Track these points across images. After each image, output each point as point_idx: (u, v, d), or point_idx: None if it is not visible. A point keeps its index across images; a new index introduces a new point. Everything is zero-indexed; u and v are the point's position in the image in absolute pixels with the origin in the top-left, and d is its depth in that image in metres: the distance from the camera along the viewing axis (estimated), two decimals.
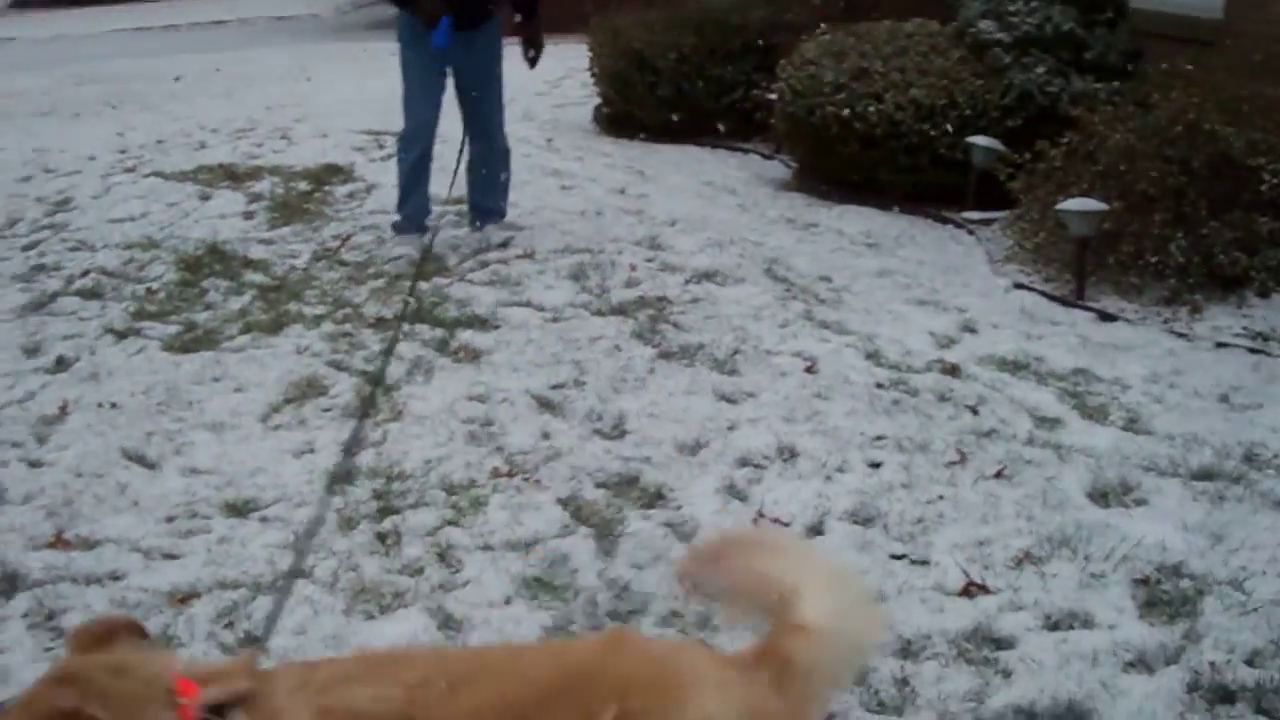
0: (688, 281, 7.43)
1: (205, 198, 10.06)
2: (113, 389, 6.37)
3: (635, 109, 12.59)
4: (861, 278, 7.70)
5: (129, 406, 6.15)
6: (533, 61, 8.33)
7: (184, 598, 4.52)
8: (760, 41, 12.34)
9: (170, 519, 5.10)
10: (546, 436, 5.61)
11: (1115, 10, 9.57)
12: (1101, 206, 7.31)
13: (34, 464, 5.65)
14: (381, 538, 4.87)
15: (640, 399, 5.94)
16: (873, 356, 6.42)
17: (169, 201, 9.98)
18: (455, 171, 8.05)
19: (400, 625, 4.29)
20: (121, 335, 7.11)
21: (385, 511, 5.05)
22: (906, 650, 4.09)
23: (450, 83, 8.14)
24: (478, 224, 8.48)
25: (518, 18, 8.28)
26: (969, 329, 6.89)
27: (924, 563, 4.59)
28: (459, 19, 7.76)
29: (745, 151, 11.88)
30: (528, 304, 7.17)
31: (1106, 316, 7.15)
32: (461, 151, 8.20)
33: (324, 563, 4.71)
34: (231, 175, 10.75)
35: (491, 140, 8.30)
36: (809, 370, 6.22)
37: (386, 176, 9.97)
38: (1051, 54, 9.39)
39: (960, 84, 9.54)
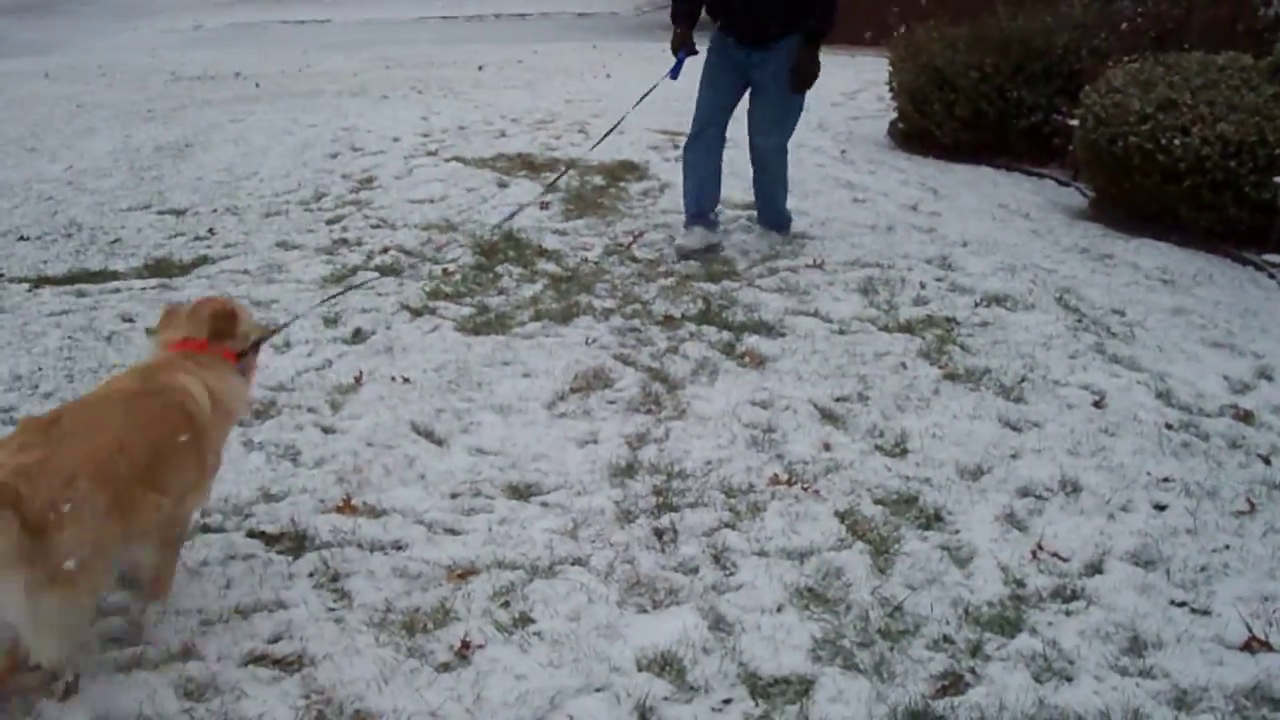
0: (977, 304, 7.36)
1: (503, 185, 10.32)
2: (406, 364, 6.57)
3: (932, 126, 12.47)
4: (1155, 314, 7.51)
5: (421, 382, 6.34)
6: (796, 89, 8.18)
7: (463, 573, 4.64)
8: (1064, 66, 12.13)
9: (454, 495, 5.25)
10: (827, 448, 5.61)
11: None
12: None
13: (327, 430, 5.86)
14: (658, 533, 4.93)
15: (924, 419, 5.91)
16: (1163, 396, 6.27)
17: (468, 187, 10.25)
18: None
19: (671, 622, 4.33)
20: (417, 313, 7.33)
21: (663, 508, 5.12)
22: (1181, 701, 3.99)
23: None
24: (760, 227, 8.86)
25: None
26: (1265, 375, 6.67)
27: (1205, 613, 4.46)
28: (746, 37, 8.02)
29: (1041, 176, 11.68)
30: (815, 314, 7.19)
31: None
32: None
33: (600, 553, 4.79)
34: (529, 165, 10.99)
35: (762, 154, 8.49)
36: (1097, 404, 6.10)
37: (680, 176, 10.07)
38: None
39: (1272, 121, 9.22)
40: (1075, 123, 10.63)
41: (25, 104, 15.98)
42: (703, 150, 8.51)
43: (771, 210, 8.81)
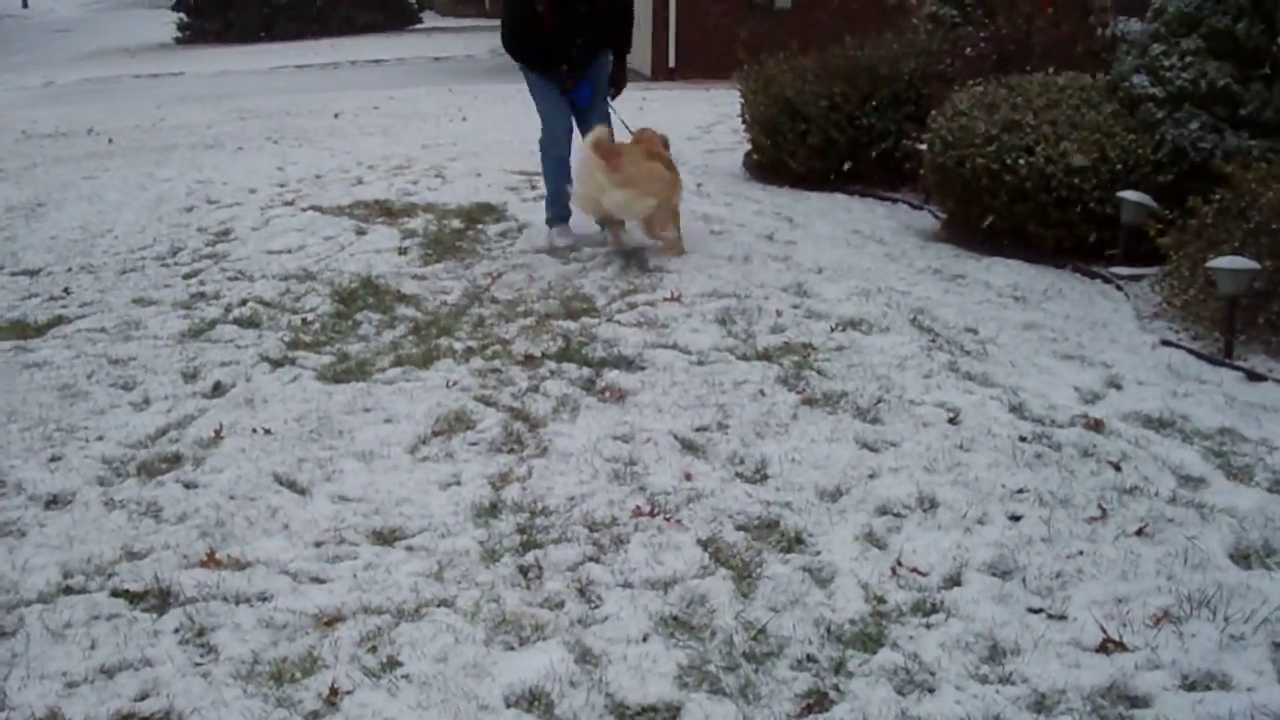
0: (833, 329, 7.46)
1: (361, 233, 10.30)
2: (267, 415, 6.55)
3: (785, 156, 12.61)
4: (1008, 330, 7.67)
5: (282, 433, 6.32)
6: (613, 95, 9.88)
7: (329, 621, 4.64)
8: (911, 92, 12.33)
9: (319, 544, 5.24)
10: (689, 478, 5.66)
11: (1273, 66, 9.35)
12: (1253, 265, 7.20)
13: (189, 485, 5.83)
14: (523, 571, 4.95)
15: (783, 444, 5.98)
16: (1016, 409, 6.40)
17: (325, 235, 10.23)
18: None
19: (538, 657, 4.35)
20: (277, 364, 7.32)
21: (528, 545, 5.14)
22: (1041, 704, 4.09)
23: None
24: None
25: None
26: (1114, 385, 6.83)
27: (1061, 618, 4.57)
28: (575, 65, 9.52)
29: (894, 201, 11.84)
30: (674, 346, 7.25)
31: (1255, 376, 7.02)
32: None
33: (466, 593, 4.80)
34: (387, 211, 10.99)
35: None
36: (952, 421, 6.22)
37: (538, 216, 10.14)
38: (1206, 110, 9.25)
39: (1112, 138, 9.45)
40: (924, 147, 10.82)
41: None
42: (566, 162, 9.60)
43: None
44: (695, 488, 5.56)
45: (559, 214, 9.84)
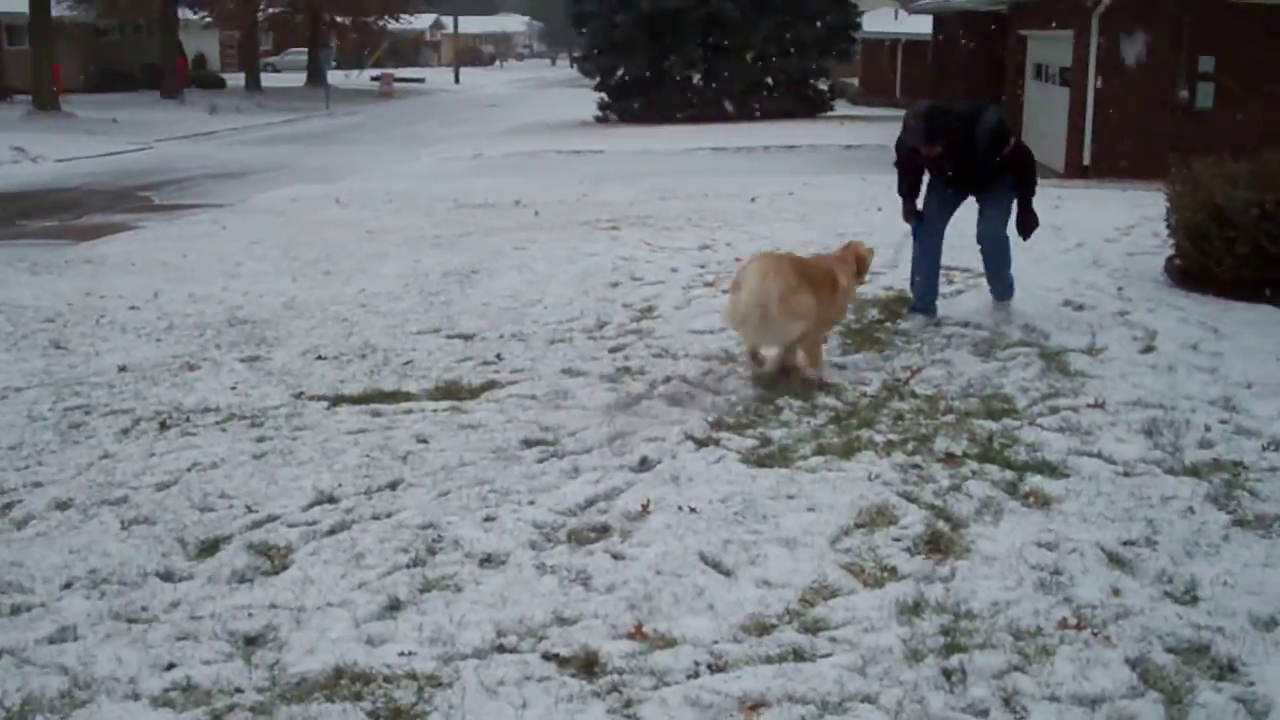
0: (1265, 448, 7.24)
1: None
2: (692, 494, 6.71)
3: (1211, 263, 12.27)
4: None
5: (707, 513, 6.47)
6: (1025, 238, 10.57)
7: (754, 705, 4.71)
8: None
9: (743, 627, 5.33)
10: (1116, 593, 5.55)
11: None
12: None
13: (617, 556, 6.02)
14: (947, 674, 4.93)
15: (1214, 565, 5.81)
16: None
17: None
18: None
19: None
20: (701, 443, 7.50)
21: (951, 648, 5.12)
22: None
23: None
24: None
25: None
26: None
27: None
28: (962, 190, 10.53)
29: None
30: (1098, 455, 7.15)
31: None
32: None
33: (889, 691, 4.82)
34: None
35: (991, 242, 10.56)
36: None
37: (954, 310, 10.17)
38: None
39: None
40: None
41: (320, 228, 16.84)
42: (928, 260, 10.55)
43: (1000, 284, 10.79)
44: (1123, 604, 5.45)
45: (915, 306, 10.71)
